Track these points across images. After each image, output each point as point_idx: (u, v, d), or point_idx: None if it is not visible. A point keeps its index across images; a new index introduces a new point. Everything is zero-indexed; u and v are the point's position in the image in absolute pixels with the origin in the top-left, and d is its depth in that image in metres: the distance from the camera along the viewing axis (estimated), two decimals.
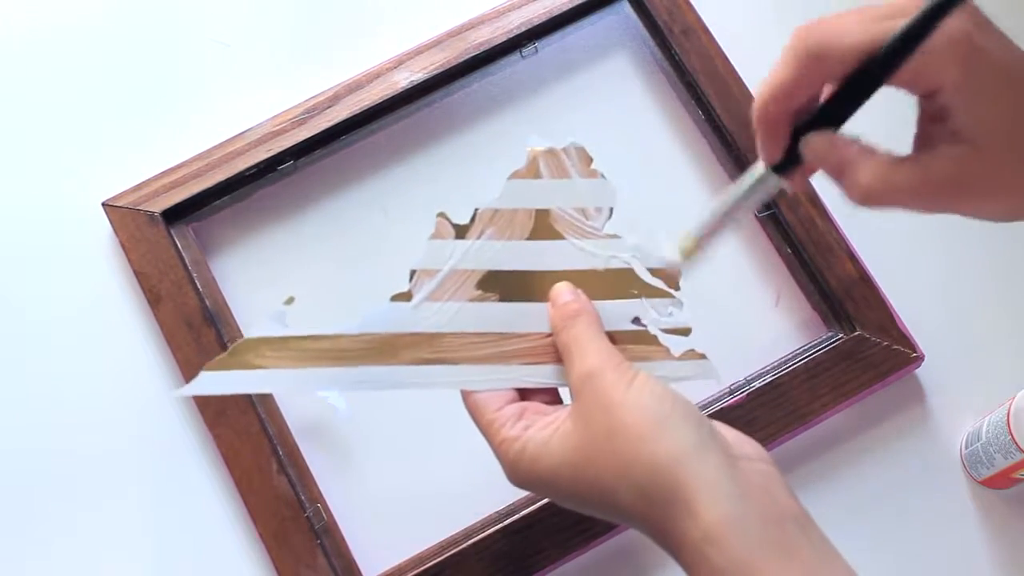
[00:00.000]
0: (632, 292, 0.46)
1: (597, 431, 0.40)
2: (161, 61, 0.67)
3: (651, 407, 0.40)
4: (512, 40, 0.63)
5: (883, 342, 0.58)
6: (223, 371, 0.44)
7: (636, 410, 0.39)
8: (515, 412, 0.43)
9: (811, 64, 0.37)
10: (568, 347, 0.43)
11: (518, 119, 0.65)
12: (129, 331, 0.60)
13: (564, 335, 0.44)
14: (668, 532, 0.38)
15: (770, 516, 0.38)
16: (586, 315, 0.44)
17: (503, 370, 0.45)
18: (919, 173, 0.37)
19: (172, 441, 0.58)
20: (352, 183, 0.63)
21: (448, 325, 0.45)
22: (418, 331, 0.45)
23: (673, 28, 0.63)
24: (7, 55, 0.67)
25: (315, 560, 0.55)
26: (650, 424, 0.39)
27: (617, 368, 0.41)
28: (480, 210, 0.46)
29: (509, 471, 0.43)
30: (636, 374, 0.41)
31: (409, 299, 0.45)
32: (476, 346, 0.45)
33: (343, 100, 0.62)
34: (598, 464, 0.39)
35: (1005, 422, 0.52)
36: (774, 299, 0.61)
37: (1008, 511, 0.57)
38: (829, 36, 0.36)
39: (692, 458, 0.38)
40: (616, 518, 0.41)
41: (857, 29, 0.36)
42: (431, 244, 0.46)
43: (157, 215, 0.60)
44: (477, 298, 0.45)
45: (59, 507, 0.58)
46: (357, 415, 0.58)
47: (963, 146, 0.36)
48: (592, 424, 0.40)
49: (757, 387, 0.57)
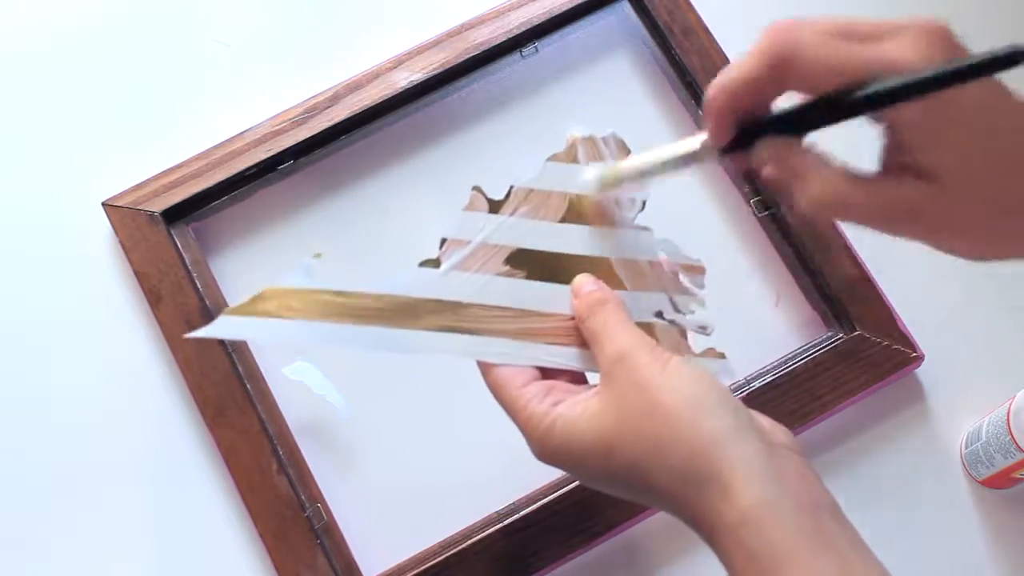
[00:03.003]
0: (657, 286, 0.46)
1: (631, 411, 0.39)
2: (161, 61, 0.67)
3: (689, 388, 0.39)
4: (512, 40, 0.63)
5: (883, 342, 0.58)
6: (243, 316, 0.43)
7: (673, 391, 0.39)
8: (542, 389, 0.42)
9: (777, 68, 0.36)
10: (597, 332, 0.43)
11: (518, 119, 0.65)
12: (129, 331, 0.60)
13: (592, 321, 0.43)
14: (702, 514, 0.38)
15: (805, 503, 0.37)
16: (614, 303, 0.44)
17: (526, 346, 0.44)
18: (877, 196, 0.37)
19: (172, 441, 0.58)
20: (352, 183, 0.63)
21: (473, 296, 0.44)
22: (443, 298, 0.44)
23: (673, 28, 0.63)
24: (7, 55, 0.67)
25: (315, 560, 0.55)
26: (688, 405, 0.38)
27: (652, 351, 0.41)
28: (515, 187, 0.46)
29: (537, 446, 0.42)
30: (670, 357, 0.40)
31: (437, 266, 0.45)
32: (500, 320, 0.44)
33: (343, 100, 0.62)
34: (632, 443, 0.39)
35: (1005, 422, 0.52)
36: (774, 299, 0.61)
37: (1008, 511, 0.57)
38: (801, 45, 0.36)
39: (730, 441, 0.38)
40: (645, 498, 0.40)
41: (830, 46, 0.36)
42: (464, 215, 0.45)
43: (157, 215, 0.60)
44: (504, 273, 0.45)
45: (59, 507, 0.58)
46: (357, 415, 0.58)
47: (926, 182, 0.36)
48: (626, 404, 0.39)
49: (757, 387, 0.57)
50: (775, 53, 0.36)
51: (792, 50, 0.36)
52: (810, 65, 0.36)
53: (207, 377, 0.57)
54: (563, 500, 0.55)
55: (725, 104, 0.38)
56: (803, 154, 0.38)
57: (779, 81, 0.37)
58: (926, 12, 0.38)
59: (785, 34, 0.36)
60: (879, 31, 0.37)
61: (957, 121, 0.36)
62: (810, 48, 0.36)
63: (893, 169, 0.38)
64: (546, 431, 0.41)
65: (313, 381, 0.57)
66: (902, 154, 0.37)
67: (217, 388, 0.57)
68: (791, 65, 0.36)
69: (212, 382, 0.57)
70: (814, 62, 0.36)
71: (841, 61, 0.36)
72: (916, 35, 0.36)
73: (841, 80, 0.36)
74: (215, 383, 0.57)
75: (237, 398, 0.57)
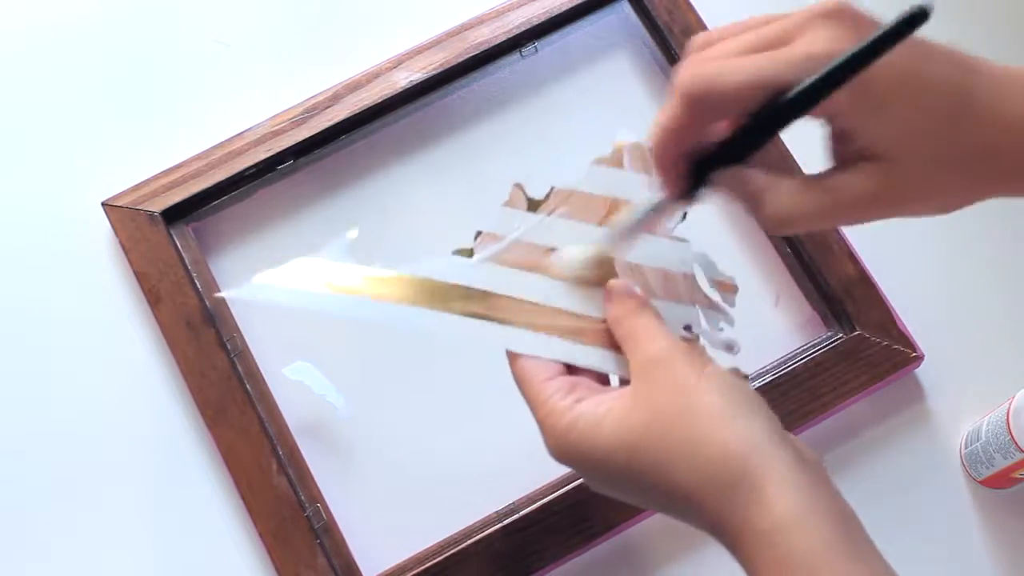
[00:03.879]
0: (689, 299, 0.46)
1: (665, 411, 0.38)
2: (161, 61, 0.67)
3: (727, 393, 0.39)
4: (512, 40, 0.63)
5: (883, 342, 0.58)
6: (276, 283, 0.43)
7: (711, 394, 0.38)
8: (566, 384, 0.41)
9: (696, 107, 0.37)
10: (632, 333, 0.42)
11: (518, 119, 0.65)
12: (129, 331, 0.60)
13: (628, 322, 0.42)
14: (727, 517, 0.37)
15: (838, 515, 0.37)
16: (650, 308, 0.43)
17: (553, 342, 0.44)
18: (832, 195, 0.37)
19: (172, 441, 0.58)
20: (352, 183, 0.63)
21: (504, 288, 0.44)
22: (474, 286, 0.44)
23: (673, 28, 0.63)
24: (7, 55, 0.67)
25: (315, 560, 0.55)
26: (724, 407, 0.38)
27: (690, 354, 0.40)
28: (556, 188, 0.46)
29: (554, 444, 0.41)
30: (708, 361, 0.40)
31: (471, 256, 0.45)
32: (529, 313, 0.44)
33: (343, 100, 0.62)
34: (660, 444, 0.38)
35: (1005, 422, 0.52)
36: (774, 299, 0.61)
37: (1008, 511, 0.57)
38: (711, 78, 0.36)
39: (766, 446, 0.37)
40: (659, 501, 0.40)
41: (742, 67, 0.36)
42: (502, 211, 0.45)
43: (157, 215, 0.60)
44: (539, 269, 0.45)
45: (59, 507, 0.58)
46: (357, 415, 0.58)
47: (875, 163, 0.37)
48: (659, 404, 0.39)
49: (757, 387, 0.57)
50: (690, 95, 0.37)
51: (706, 87, 0.36)
52: (731, 92, 0.36)
53: (207, 377, 0.57)
54: (563, 500, 0.55)
55: (666, 156, 0.39)
56: (753, 177, 0.38)
57: (707, 116, 0.37)
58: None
59: (693, 75, 0.37)
60: (787, 32, 0.37)
61: (884, 93, 0.36)
62: (722, 77, 0.36)
63: (843, 160, 0.38)
64: (567, 427, 0.40)
65: (313, 381, 0.57)
66: (846, 143, 0.37)
67: (217, 388, 0.57)
68: (710, 101, 0.36)
69: (212, 382, 0.57)
70: (734, 89, 0.36)
71: (758, 78, 0.36)
72: (822, 24, 0.36)
73: (764, 94, 0.36)
74: (215, 383, 0.57)
75: (237, 398, 0.57)
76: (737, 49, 0.37)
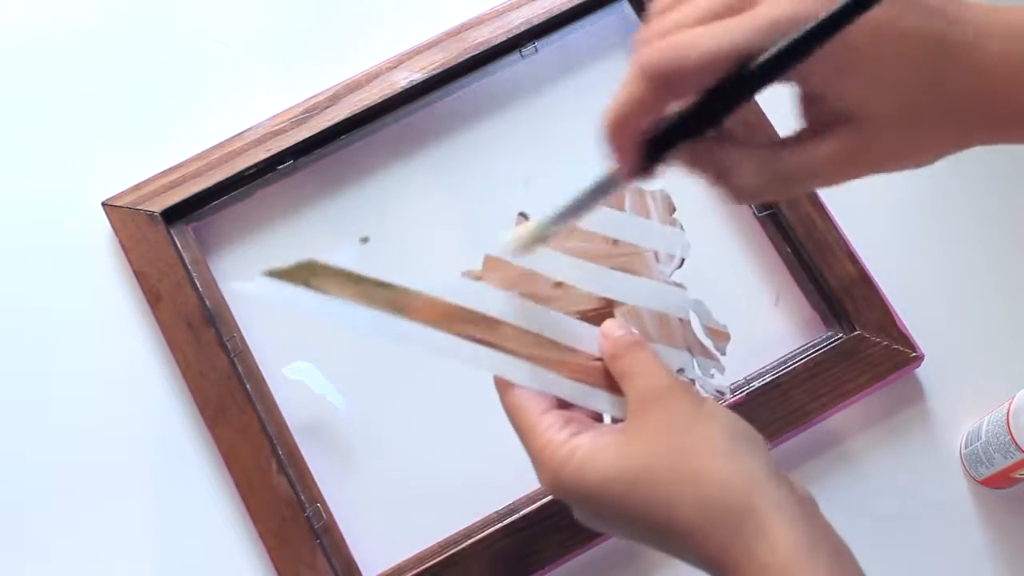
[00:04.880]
0: (683, 344, 0.46)
1: (663, 446, 0.38)
2: (161, 61, 0.67)
3: (727, 430, 0.39)
4: (512, 40, 0.63)
5: (883, 342, 0.58)
6: (282, 282, 0.43)
7: (711, 429, 0.38)
8: (561, 418, 0.41)
9: (660, 84, 0.34)
10: (631, 369, 0.41)
11: (518, 119, 0.65)
12: (129, 331, 0.60)
13: (627, 359, 0.42)
14: (726, 553, 0.37)
15: (834, 552, 0.37)
16: (648, 347, 0.43)
17: (549, 376, 0.44)
18: (805, 161, 0.35)
19: (172, 441, 0.58)
20: (352, 183, 0.63)
21: (507, 315, 0.45)
22: (478, 310, 0.45)
23: None
24: (7, 55, 0.67)
25: (315, 560, 0.55)
26: (726, 443, 0.38)
27: (690, 389, 0.40)
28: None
29: (550, 477, 0.40)
30: (706, 398, 0.40)
31: (479, 280, 0.45)
32: (529, 345, 0.44)
33: (343, 100, 0.62)
34: (659, 479, 0.38)
35: (1005, 422, 0.52)
36: (774, 299, 0.61)
37: (1008, 511, 0.57)
38: (677, 52, 0.34)
39: (768, 482, 0.37)
40: (656, 537, 0.39)
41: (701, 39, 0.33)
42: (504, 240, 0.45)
43: (157, 215, 0.60)
44: (540, 300, 0.45)
45: (59, 507, 0.58)
46: (357, 415, 0.58)
47: (849, 125, 0.35)
48: (657, 439, 0.39)
49: (757, 387, 0.57)
50: (655, 70, 0.34)
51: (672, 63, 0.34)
52: (694, 67, 0.33)
53: (207, 377, 0.57)
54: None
55: (623, 135, 0.36)
56: (722, 149, 0.36)
57: (669, 95, 0.35)
58: None
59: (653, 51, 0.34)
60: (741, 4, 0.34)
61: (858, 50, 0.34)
62: (691, 51, 0.33)
63: (814, 121, 0.36)
64: (563, 460, 0.40)
65: (313, 381, 0.57)
66: (817, 104, 0.35)
67: (217, 388, 0.57)
68: (676, 78, 0.34)
69: (212, 382, 0.57)
70: (697, 64, 0.33)
71: (723, 48, 0.33)
72: None
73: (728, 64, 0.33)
74: (215, 383, 0.57)
75: (237, 398, 0.57)
76: (697, 16, 0.34)
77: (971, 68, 0.35)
